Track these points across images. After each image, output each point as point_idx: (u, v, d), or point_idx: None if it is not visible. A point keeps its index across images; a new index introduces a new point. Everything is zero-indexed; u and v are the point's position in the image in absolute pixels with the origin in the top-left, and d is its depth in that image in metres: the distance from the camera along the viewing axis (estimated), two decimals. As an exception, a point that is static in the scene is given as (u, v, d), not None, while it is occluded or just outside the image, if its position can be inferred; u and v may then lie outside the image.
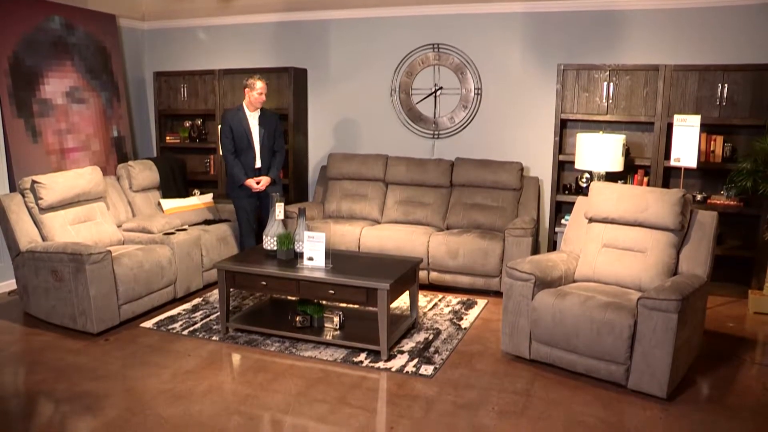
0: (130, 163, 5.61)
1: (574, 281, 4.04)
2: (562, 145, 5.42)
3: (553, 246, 5.43)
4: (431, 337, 4.18)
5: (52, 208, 4.61)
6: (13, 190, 5.03)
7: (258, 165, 5.12)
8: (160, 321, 4.46)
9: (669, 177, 5.21)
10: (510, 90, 5.73)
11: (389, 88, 6.11)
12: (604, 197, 4.05)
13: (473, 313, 4.67)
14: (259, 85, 4.96)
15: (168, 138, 6.71)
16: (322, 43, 6.27)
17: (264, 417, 3.15)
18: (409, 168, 5.77)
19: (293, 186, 6.22)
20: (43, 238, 4.53)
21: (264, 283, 4.05)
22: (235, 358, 3.90)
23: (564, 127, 5.43)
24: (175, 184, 5.97)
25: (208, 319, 4.51)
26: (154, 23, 6.85)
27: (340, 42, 6.21)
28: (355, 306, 4.41)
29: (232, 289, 4.24)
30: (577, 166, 4.98)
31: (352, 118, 6.31)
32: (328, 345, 4.00)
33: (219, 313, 4.29)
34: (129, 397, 3.33)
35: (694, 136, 4.61)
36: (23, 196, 4.55)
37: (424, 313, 4.63)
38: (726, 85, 4.87)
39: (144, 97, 6.94)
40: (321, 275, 3.88)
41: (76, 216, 4.75)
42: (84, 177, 4.85)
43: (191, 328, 4.32)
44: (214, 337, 4.17)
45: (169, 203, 5.57)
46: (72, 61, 5.71)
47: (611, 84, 5.18)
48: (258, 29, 6.45)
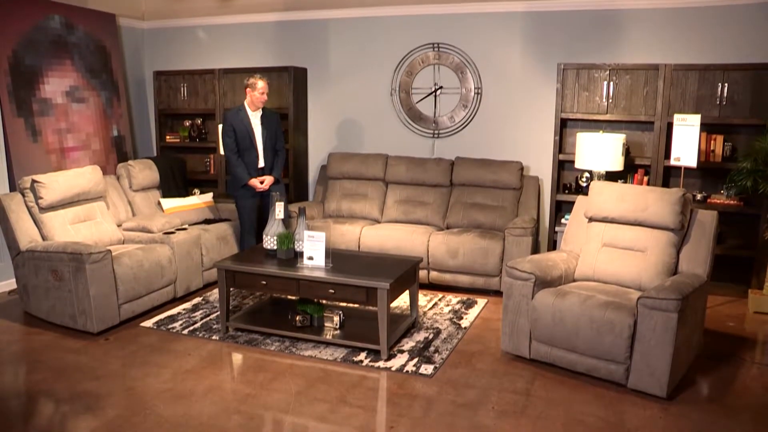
0: (130, 162, 5.60)
1: (574, 280, 4.04)
2: (562, 144, 5.41)
3: (553, 245, 5.43)
4: (431, 336, 4.18)
5: (52, 208, 4.61)
6: (13, 189, 5.03)
7: (261, 165, 5.12)
8: (160, 320, 4.46)
9: (669, 176, 5.21)
10: (510, 89, 5.73)
11: (389, 88, 6.11)
12: (604, 197, 4.05)
13: (473, 312, 4.67)
14: (260, 84, 4.96)
15: (168, 137, 6.71)
16: (322, 43, 6.27)
17: (264, 416, 3.15)
18: (409, 167, 5.77)
19: (293, 185, 6.22)
20: (43, 238, 4.53)
21: (264, 282, 4.05)
22: (236, 357, 3.91)
23: (564, 127, 5.43)
24: (175, 183, 5.97)
25: (208, 318, 4.51)
26: (154, 22, 6.84)
27: (340, 41, 6.21)
28: (355, 305, 4.42)
29: (232, 289, 4.24)
30: (577, 165, 4.98)
31: (352, 117, 6.31)
32: (328, 344, 4.00)
33: (219, 312, 4.29)
34: (129, 397, 3.33)
35: (694, 136, 4.61)
36: (23, 196, 4.55)
37: (424, 313, 4.63)
38: (726, 84, 4.87)
39: (144, 96, 6.94)
40: (321, 275, 3.88)
41: (76, 215, 4.75)
42: (84, 176, 4.85)
43: (191, 328, 4.32)
44: (214, 337, 4.17)
45: (169, 203, 5.57)
46: (72, 60, 5.71)
47: (611, 83, 5.18)
48: (258, 28, 6.45)
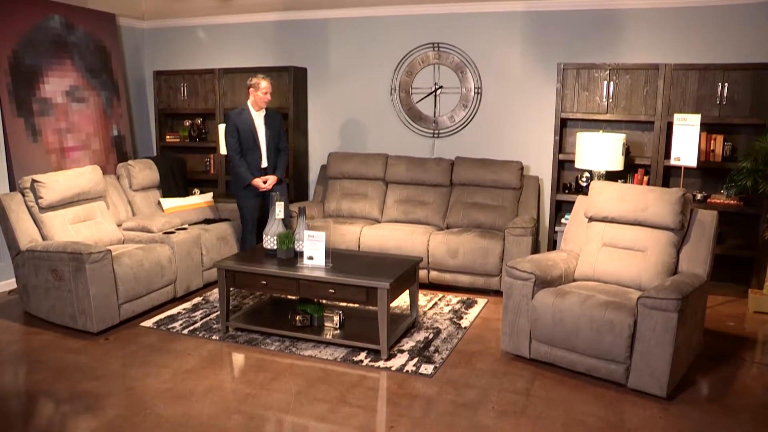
0: (130, 162, 5.60)
1: (574, 280, 4.03)
2: (562, 144, 5.41)
3: (553, 245, 5.43)
4: (431, 336, 4.18)
5: (52, 208, 4.61)
6: (13, 189, 5.03)
7: (264, 165, 5.10)
8: (160, 320, 4.46)
9: (669, 176, 5.21)
10: (510, 89, 5.73)
11: (389, 87, 6.11)
12: (604, 196, 4.05)
13: (473, 312, 4.67)
14: (263, 84, 4.94)
15: (168, 137, 6.71)
16: (322, 42, 6.26)
17: (264, 416, 3.15)
18: (409, 167, 5.77)
19: (293, 185, 6.22)
20: (43, 238, 4.53)
21: (264, 282, 4.05)
22: (236, 357, 3.91)
23: (564, 126, 5.43)
24: (175, 183, 5.96)
25: (208, 318, 4.51)
26: (154, 22, 6.84)
27: (340, 41, 6.21)
28: (355, 305, 4.42)
29: (232, 289, 4.24)
30: (577, 165, 4.97)
31: (352, 117, 6.31)
32: (328, 344, 4.00)
33: (219, 312, 4.29)
34: (129, 397, 3.33)
35: (694, 136, 4.61)
36: (23, 196, 4.55)
37: (424, 313, 4.63)
38: (726, 84, 4.87)
39: (144, 96, 6.94)
40: (321, 274, 3.88)
41: (76, 215, 4.75)
42: (84, 176, 4.85)
43: (191, 328, 4.32)
44: (214, 337, 4.17)
45: (169, 202, 5.57)
46: (72, 60, 5.71)
47: (611, 83, 5.17)
48: (258, 28, 6.45)
